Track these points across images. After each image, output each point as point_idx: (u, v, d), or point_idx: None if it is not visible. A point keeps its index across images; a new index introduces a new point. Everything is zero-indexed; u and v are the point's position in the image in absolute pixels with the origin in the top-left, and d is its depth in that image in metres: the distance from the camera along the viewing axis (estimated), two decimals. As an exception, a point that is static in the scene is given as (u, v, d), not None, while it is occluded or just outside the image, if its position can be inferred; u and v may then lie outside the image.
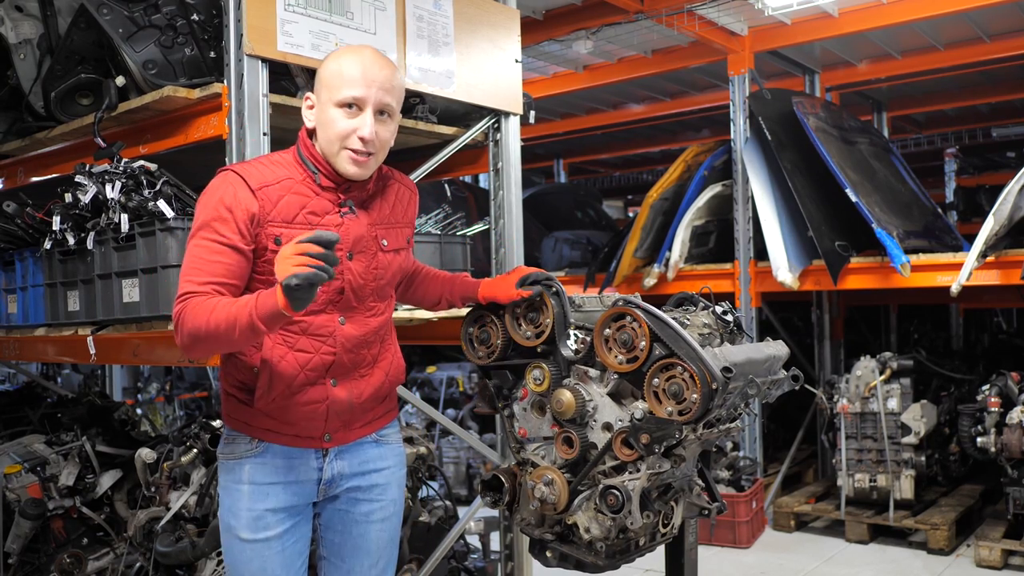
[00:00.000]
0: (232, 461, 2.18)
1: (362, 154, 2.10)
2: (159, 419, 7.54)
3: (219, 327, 1.91)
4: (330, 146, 2.11)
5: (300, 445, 2.18)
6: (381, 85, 2.10)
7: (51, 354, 3.61)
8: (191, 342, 1.97)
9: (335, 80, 2.09)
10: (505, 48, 3.69)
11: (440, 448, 6.40)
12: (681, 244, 5.87)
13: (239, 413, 2.18)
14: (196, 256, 2.02)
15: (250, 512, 2.14)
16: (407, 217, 2.34)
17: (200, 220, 2.04)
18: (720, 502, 2.49)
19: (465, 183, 7.97)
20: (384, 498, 2.32)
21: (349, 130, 2.08)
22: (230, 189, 2.05)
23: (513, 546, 3.77)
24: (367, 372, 2.24)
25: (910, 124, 9.30)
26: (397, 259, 2.29)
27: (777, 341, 2.51)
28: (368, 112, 2.09)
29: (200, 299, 1.96)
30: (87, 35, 3.21)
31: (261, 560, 2.15)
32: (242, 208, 2.03)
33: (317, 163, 2.15)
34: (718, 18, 5.59)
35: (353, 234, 2.16)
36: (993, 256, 4.86)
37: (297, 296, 1.81)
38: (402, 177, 2.37)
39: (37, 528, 3.46)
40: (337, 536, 2.30)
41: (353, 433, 2.26)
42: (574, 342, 2.32)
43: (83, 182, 3.00)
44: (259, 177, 2.08)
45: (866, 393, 5.38)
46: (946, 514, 5.20)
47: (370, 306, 2.22)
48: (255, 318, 1.88)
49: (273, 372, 2.10)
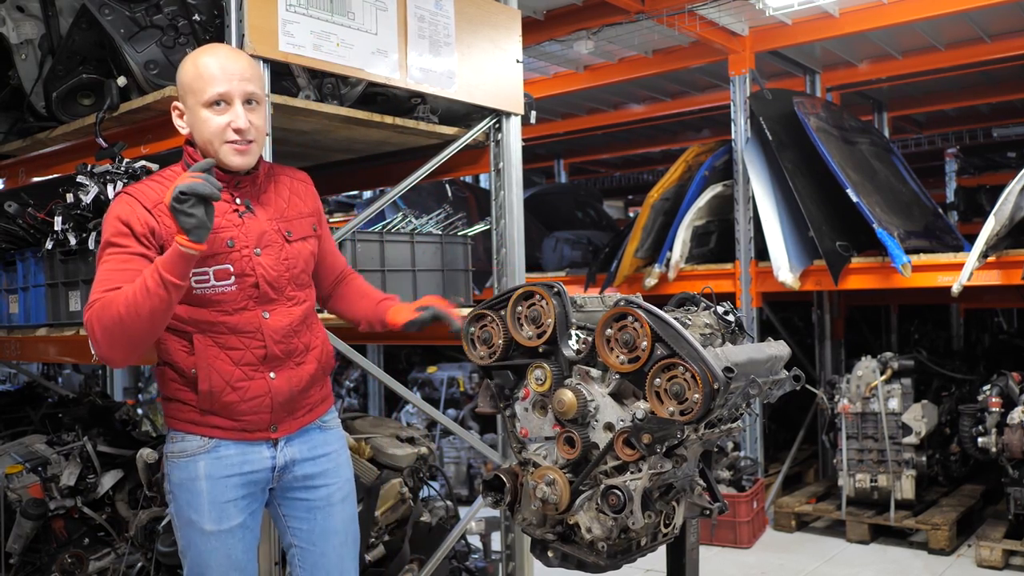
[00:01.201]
0: (185, 459, 2.26)
1: (242, 143, 2.18)
2: (160, 419, 7.54)
3: (130, 303, 1.95)
4: (210, 146, 2.19)
5: (249, 439, 2.28)
6: (241, 76, 2.18)
7: (52, 354, 3.61)
8: (109, 340, 2.00)
9: (197, 83, 2.17)
10: (506, 48, 3.69)
11: (441, 448, 6.40)
12: (682, 244, 5.87)
13: (184, 414, 2.27)
14: (104, 271, 2.08)
15: (212, 504, 2.23)
16: (307, 207, 2.42)
17: (103, 241, 2.13)
18: (721, 502, 2.49)
19: (466, 183, 7.98)
20: (339, 479, 2.44)
21: (223, 125, 2.16)
22: (126, 208, 2.14)
23: (514, 546, 3.77)
24: (301, 360, 2.34)
25: (911, 124, 9.30)
26: (306, 247, 2.38)
27: (779, 341, 2.51)
28: (237, 104, 2.17)
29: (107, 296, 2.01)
30: (89, 35, 3.21)
31: (226, 549, 2.25)
32: (140, 222, 2.11)
33: None
34: (719, 18, 5.59)
35: (255, 231, 2.25)
36: (994, 256, 4.86)
37: (188, 214, 1.90)
38: (292, 171, 2.46)
39: (38, 528, 3.46)
40: (304, 524, 2.40)
41: (297, 421, 2.36)
42: (576, 342, 2.32)
43: (85, 182, 3.00)
44: (152, 196, 2.16)
45: (867, 393, 5.38)
46: (947, 514, 5.20)
47: (290, 295, 2.31)
48: (160, 270, 1.95)
49: (211, 372, 2.20)
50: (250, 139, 2.19)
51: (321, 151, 3.86)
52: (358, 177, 4.48)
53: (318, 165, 4.16)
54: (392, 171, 4.06)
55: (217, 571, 2.25)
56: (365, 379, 7.78)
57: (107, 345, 2.01)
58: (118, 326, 1.97)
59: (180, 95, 2.23)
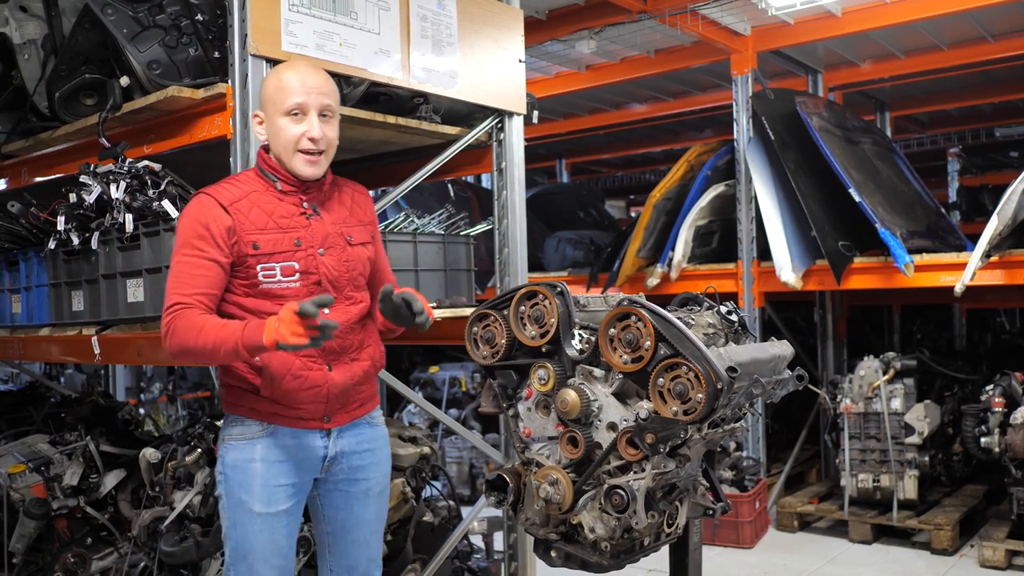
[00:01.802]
0: (243, 441, 2.39)
1: (313, 153, 2.37)
2: (162, 419, 7.56)
3: (206, 346, 2.18)
4: (285, 152, 2.37)
5: (304, 427, 2.41)
6: (319, 90, 2.37)
7: (55, 354, 3.61)
8: (178, 352, 2.24)
9: (278, 94, 2.36)
10: (508, 48, 3.69)
11: (443, 448, 6.40)
12: (684, 244, 5.86)
13: (244, 400, 2.40)
14: (180, 271, 2.28)
15: (264, 487, 2.36)
16: (366, 216, 2.60)
17: (181, 239, 2.31)
18: (724, 502, 2.49)
19: (468, 183, 7.98)
20: (378, 474, 2.59)
21: (299, 134, 2.34)
22: (205, 209, 2.31)
23: (517, 546, 3.77)
24: (356, 356, 2.48)
25: (913, 124, 9.28)
26: (364, 251, 2.54)
27: (782, 341, 2.51)
28: (312, 115, 2.36)
29: (189, 312, 2.23)
30: (91, 35, 3.22)
31: (271, 532, 2.37)
32: (218, 224, 2.29)
33: (275, 172, 2.41)
34: (721, 18, 5.59)
35: (320, 233, 2.42)
36: (997, 256, 4.86)
37: (295, 345, 2.09)
38: (353, 184, 2.65)
39: (41, 528, 3.47)
40: (340, 513, 2.54)
41: (349, 415, 2.50)
42: (579, 342, 2.32)
43: (87, 182, 3.00)
44: (228, 195, 2.35)
45: (869, 393, 5.38)
46: (950, 514, 5.19)
47: (348, 295, 2.47)
48: (240, 347, 2.15)
49: (273, 359, 2.33)
50: (321, 149, 2.38)
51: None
52: (360, 177, 4.45)
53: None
54: (394, 171, 4.06)
55: (260, 553, 2.36)
56: (367, 379, 7.75)
57: (176, 355, 2.26)
58: (189, 352, 2.21)
59: (261, 105, 2.43)
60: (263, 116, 2.41)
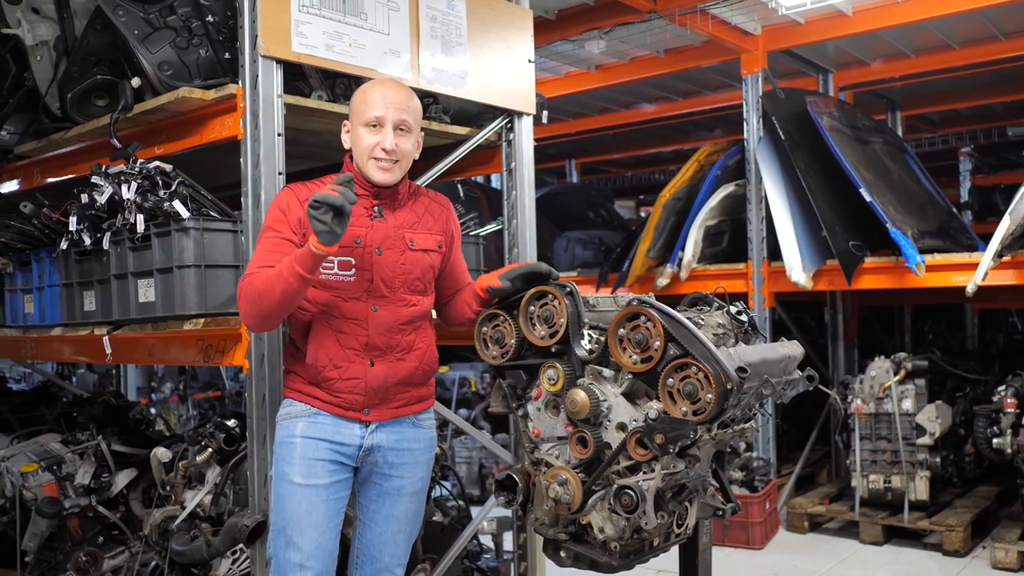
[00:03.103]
0: (288, 421, 2.53)
1: (386, 162, 2.51)
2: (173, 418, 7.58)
3: (267, 284, 2.34)
4: (361, 159, 2.53)
5: (344, 415, 2.52)
6: (397, 105, 2.52)
7: (67, 354, 3.63)
8: (248, 308, 2.39)
9: (361, 106, 2.53)
10: (518, 48, 3.69)
11: (453, 448, 6.41)
12: (694, 244, 5.85)
13: (295, 384, 2.57)
14: (260, 250, 2.48)
15: (303, 460, 2.48)
16: (439, 226, 2.71)
17: (265, 224, 2.54)
18: (734, 503, 2.49)
19: (478, 183, 7.98)
20: (414, 475, 2.65)
21: (374, 143, 2.50)
22: (284, 200, 2.53)
23: (526, 546, 3.77)
24: (402, 356, 2.56)
25: (924, 123, 9.24)
26: (427, 258, 2.64)
27: (792, 341, 2.51)
28: (388, 128, 2.51)
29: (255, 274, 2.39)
30: (103, 37, 3.23)
31: (309, 504, 2.46)
32: (293, 213, 2.49)
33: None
34: (731, 17, 5.58)
35: (381, 234, 2.54)
36: (1009, 256, 4.83)
37: (319, 220, 2.21)
38: (435, 194, 2.78)
39: (54, 526, 3.49)
40: (372, 504, 2.63)
41: (389, 411, 2.57)
42: (588, 342, 2.32)
43: (99, 183, 3.02)
44: (307, 192, 2.52)
45: (880, 394, 5.36)
46: (961, 516, 5.17)
47: (402, 297, 2.56)
48: (294, 262, 2.30)
49: (319, 349, 2.49)
50: (395, 160, 2.52)
51: (333, 151, 3.85)
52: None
53: (329, 165, 4.17)
54: (404, 171, 4.06)
55: (297, 526, 2.45)
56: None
57: (246, 312, 2.40)
58: (255, 299, 2.36)
59: (350, 115, 2.58)
60: (349, 125, 2.57)
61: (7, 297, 3.94)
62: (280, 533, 2.48)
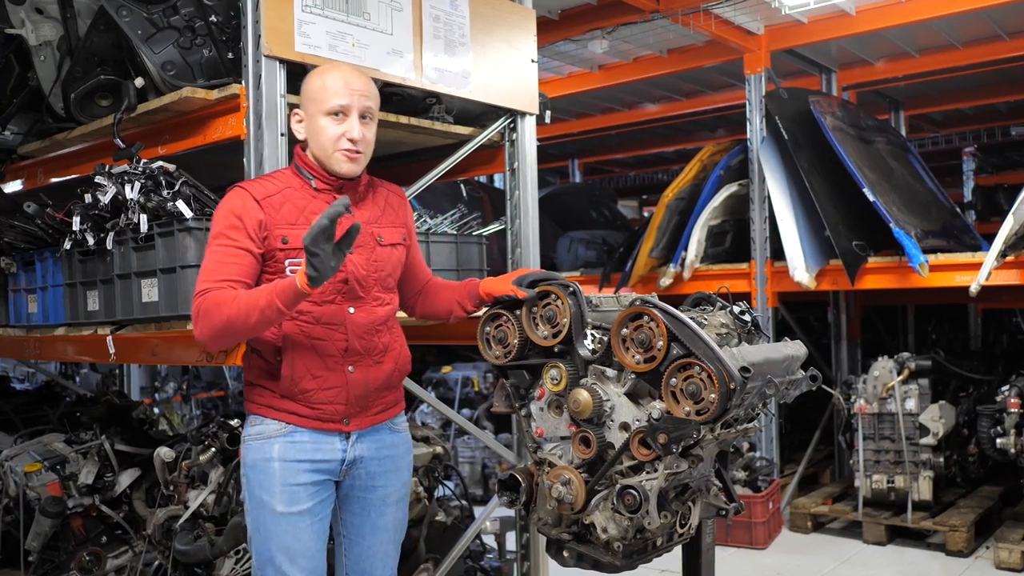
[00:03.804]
0: (261, 441, 2.38)
1: (352, 152, 2.39)
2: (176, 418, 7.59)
3: (240, 311, 2.15)
4: (323, 151, 2.39)
5: (323, 428, 2.39)
6: (361, 92, 2.40)
7: (71, 354, 3.64)
8: (211, 331, 2.20)
9: (321, 94, 2.38)
10: (521, 48, 3.69)
11: (455, 448, 6.41)
12: (697, 244, 5.85)
13: (265, 399, 2.40)
14: (212, 260, 2.29)
15: (284, 486, 2.34)
16: (400, 219, 2.60)
17: (215, 230, 2.33)
18: (737, 502, 2.48)
19: (481, 183, 7.98)
20: (397, 482, 2.56)
21: (339, 134, 2.37)
22: (239, 201, 2.34)
23: (529, 546, 3.77)
24: (380, 359, 2.46)
25: (928, 123, 9.23)
26: (395, 253, 2.55)
27: (795, 341, 2.50)
28: (353, 116, 2.38)
29: (217, 292, 2.21)
30: (106, 37, 3.23)
31: (295, 531, 2.34)
32: (250, 216, 2.31)
33: (311, 170, 2.43)
34: (734, 17, 5.57)
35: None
36: (1012, 256, 4.82)
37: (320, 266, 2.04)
38: (390, 185, 2.66)
39: (57, 526, 3.50)
40: (356, 518, 2.52)
41: (369, 419, 2.47)
42: (591, 342, 2.32)
43: (103, 183, 3.02)
44: (262, 190, 2.37)
45: (884, 394, 5.35)
46: (965, 516, 5.16)
47: (376, 296, 2.46)
48: (275, 296, 2.14)
49: (295, 358, 2.34)
50: (360, 150, 2.40)
51: (336, 151, 3.87)
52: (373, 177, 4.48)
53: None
54: (407, 171, 4.07)
55: (284, 553, 2.33)
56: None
57: (207, 337, 2.21)
58: (223, 327, 2.18)
59: (302, 103, 2.43)
60: (303, 115, 2.43)
61: (11, 297, 3.94)
62: (268, 564, 2.35)
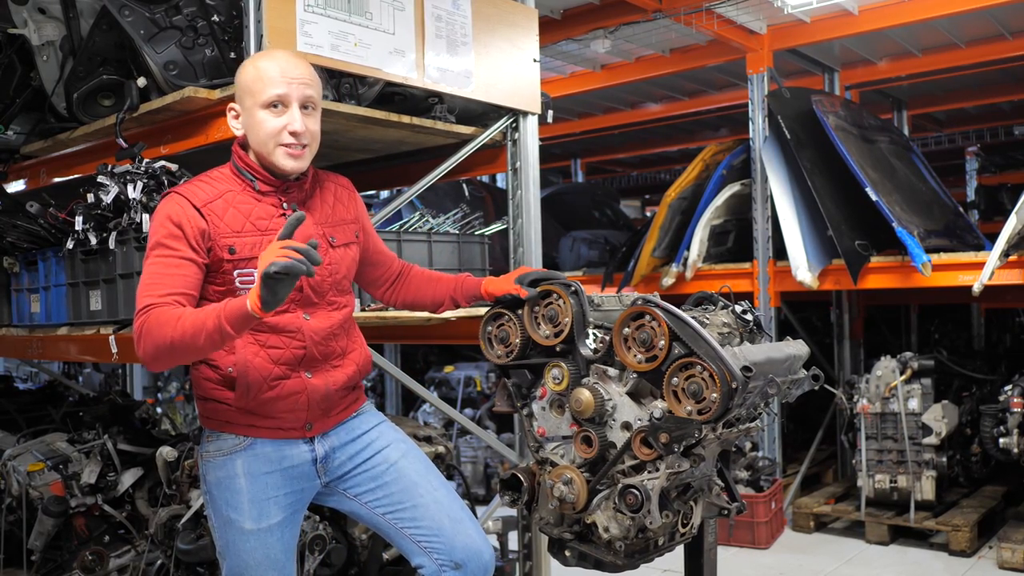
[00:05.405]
0: (222, 458, 2.25)
1: (296, 147, 2.21)
2: (179, 418, 7.61)
3: (185, 334, 1.97)
4: (264, 147, 2.21)
5: (284, 437, 2.28)
6: (301, 80, 2.20)
7: (73, 353, 3.64)
8: (155, 352, 2.02)
9: (256, 84, 2.20)
10: (523, 48, 3.69)
11: (458, 447, 6.40)
12: (699, 243, 5.84)
13: (219, 414, 2.26)
14: (152, 272, 2.10)
15: (252, 502, 2.22)
16: (351, 213, 2.44)
17: (152, 240, 2.14)
18: (739, 502, 2.48)
19: (483, 183, 7.98)
20: (388, 441, 2.42)
21: (279, 127, 2.19)
22: (177, 208, 2.15)
23: (531, 545, 3.77)
24: (339, 363, 2.35)
25: (931, 122, 9.22)
26: (349, 253, 2.40)
27: (797, 340, 2.51)
28: (294, 107, 2.20)
29: (162, 310, 2.02)
30: (109, 36, 3.24)
31: (265, 548, 2.22)
32: (191, 224, 2.13)
33: (253, 171, 2.26)
34: (737, 16, 5.56)
35: (302, 236, 2.18)
36: (1015, 255, 4.81)
37: (274, 287, 1.87)
38: (336, 177, 2.49)
39: (59, 525, 3.50)
40: (381, 491, 2.36)
41: (331, 420, 2.35)
42: (593, 341, 2.32)
43: (105, 182, 3.02)
44: (202, 196, 2.19)
45: (886, 393, 5.34)
46: (968, 515, 5.15)
47: (331, 300, 2.33)
48: (223, 320, 1.95)
49: (249, 369, 2.19)
50: (304, 143, 2.23)
51: (338, 151, 3.88)
52: (375, 177, 4.49)
53: (335, 164, 4.17)
54: (409, 171, 4.07)
55: (256, 570, 2.23)
56: (382, 378, 7.81)
57: (151, 357, 2.03)
58: (167, 348, 2.00)
59: (237, 96, 2.26)
60: (239, 109, 2.26)
61: (13, 297, 3.95)
62: None
